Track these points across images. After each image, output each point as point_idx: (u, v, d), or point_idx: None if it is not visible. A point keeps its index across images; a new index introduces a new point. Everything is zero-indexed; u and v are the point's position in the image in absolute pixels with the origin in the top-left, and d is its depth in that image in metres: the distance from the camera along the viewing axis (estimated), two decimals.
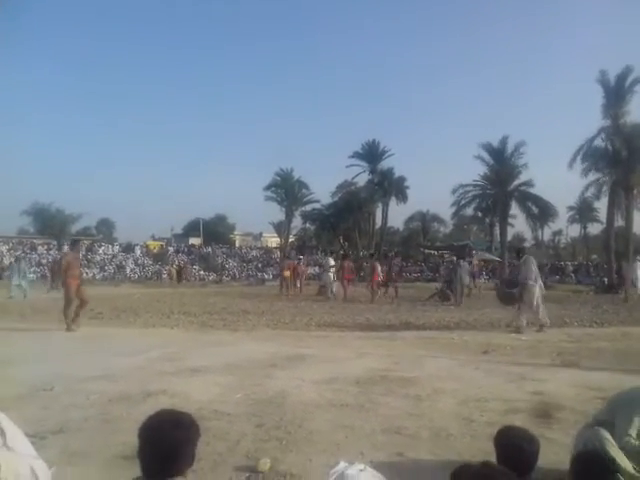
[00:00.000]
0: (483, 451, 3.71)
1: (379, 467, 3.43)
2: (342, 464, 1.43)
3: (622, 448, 3.12)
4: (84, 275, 36.92)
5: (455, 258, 22.06)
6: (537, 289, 11.09)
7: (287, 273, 23.25)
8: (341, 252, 25.43)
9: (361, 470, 1.39)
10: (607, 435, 3.16)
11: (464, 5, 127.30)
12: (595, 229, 58.97)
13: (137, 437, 1.85)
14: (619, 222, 31.51)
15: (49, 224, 50.97)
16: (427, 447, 4.17)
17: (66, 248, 43.27)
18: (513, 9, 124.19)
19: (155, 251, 49.28)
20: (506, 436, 2.56)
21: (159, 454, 1.79)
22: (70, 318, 10.93)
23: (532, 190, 39.79)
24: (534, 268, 11.25)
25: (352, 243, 51.46)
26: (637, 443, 3.17)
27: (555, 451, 3.98)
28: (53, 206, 52.14)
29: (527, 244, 71.42)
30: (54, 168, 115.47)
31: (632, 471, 3.05)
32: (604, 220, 33.30)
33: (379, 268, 20.39)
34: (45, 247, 44.36)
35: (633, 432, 3.18)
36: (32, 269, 38.13)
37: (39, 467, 2.15)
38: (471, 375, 6.87)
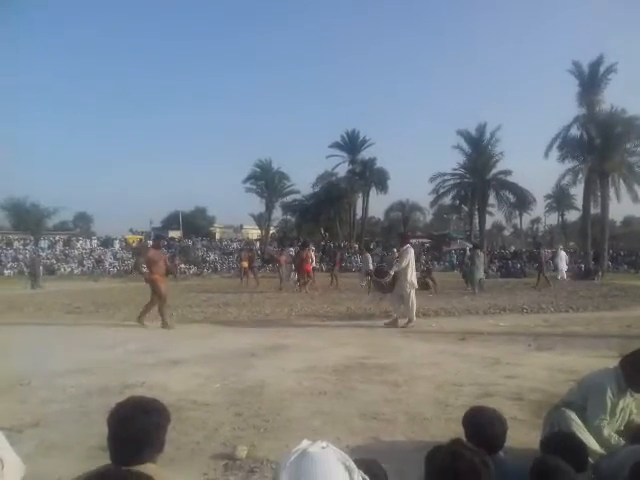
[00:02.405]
0: (457, 433, 3.73)
1: (355, 451, 3.51)
2: (304, 442, 1.45)
3: (596, 429, 3.22)
4: (62, 270, 36.75)
5: (472, 247, 21.58)
6: (409, 281, 10.26)
7: (245, 264, 23.47)
8: (298, 242, 25.42)
9: (323, 447, 1.42)
10: (573, 416, 3.25)
11: None
12: (573, 216, 59.80)
13: (106, 424, 1.86)
14: (596, 210, 32.02)
15: (24, 219, 50.09)
16: (402, 431, 4.25)
17: (40, 243, 42.73)
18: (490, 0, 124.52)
19: (134, 245, 48.77)
20: (474, 416, 2.62)
21: (128, 440, 1.80)
22: (167, 315, 10.75)
23: (510, 179, 40.29)
24: (410, 259, 10.31)
25: (333, 233, 51.55)
26: (608, 423, 3.27)
27: (526, 432, 4.09)
28: (28, 200, 51.24)
29: (506, 232, 72.49)
30: (29, 162, 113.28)
31: (600, 450, 3.15)
32: (581, 207, 33.84)
33: (312, 257, 20.75)
34: (21, 242, 43.60)
35: (606, 414, 3.28)
36: (9, 264, 37.60)
37: (9, 458, 2.14)
38: (448, 361, 6.97)
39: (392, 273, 10.32)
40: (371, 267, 22.64)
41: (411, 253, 10.41)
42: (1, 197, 50.98)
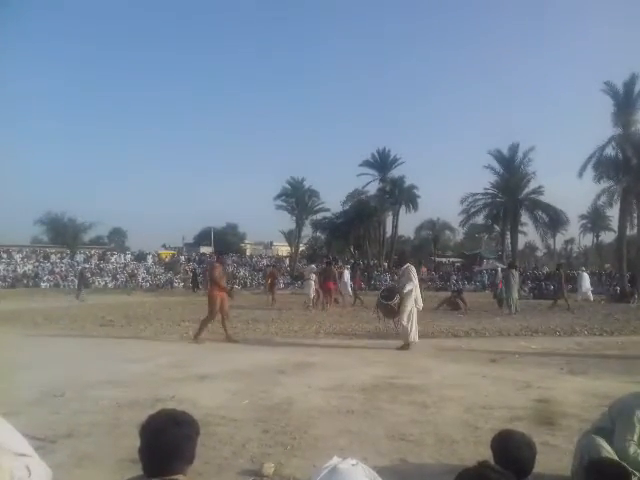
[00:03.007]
0: (486, 457, 3.69)
1: (382, 472, 3.48)
2: (335, 459, 1.48)
3: (622, 451, 3.14)
4: (96, 284, 37.54)
5: (505, 267, 21.06)
6: (411, 302, 9.87)
7: (269, 281, 23.55)
8: (325, 260, 25.38)
9: (353, 465, 1.45)
10: (603, 443, 3.18)
11: (474, 12, 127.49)
12: (608, 237, 58.51)
13: (138, 436, 1.91)
14: (633, 231, 31.26)
15: (62, 233, 51.42)
16: (430, 453, 4.20)
17: (76, 257, 43.72)
18: (523, 16, 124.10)
19: (167, 260, 49.54)
20: (502, 440, 2.60)
21: (160, 452, 1.85)
22: (203, 329, 10.92)
23: (543, 198, 39.71)
24: (413, 278, 9.95)
25: (363, 251, 51.41)
26: (637, 448, 3.19)
27: (558, 457, 4.01)
28: (65, 215, 52.61)
29: (539, 253, 71.24)
30: (67, 177, 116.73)
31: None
32: (617, 228, 33.07)
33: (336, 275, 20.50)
34: (58, 256, 44.76)
35: (634, 436, 3.20)
36: (45, 277, 38.58)
37: (36, 467, 2.21)
38: (478, 383, 6.88)
39: (406, 290, 9.80)
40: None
41: (412, 271, 10.10)
42: (40, 212, 52.52)
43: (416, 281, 10.05)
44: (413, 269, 10.23)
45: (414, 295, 9.91)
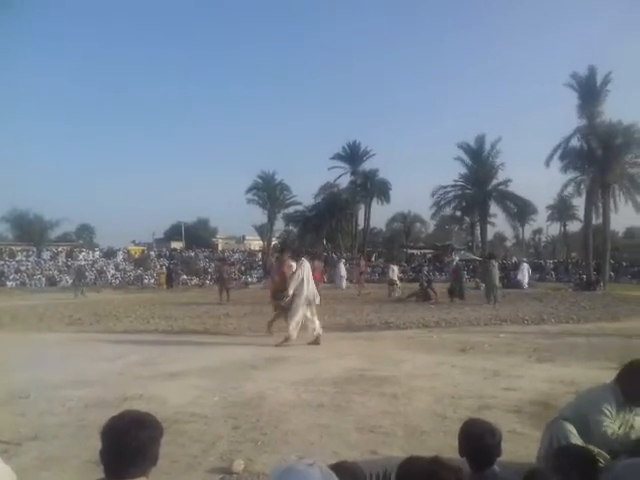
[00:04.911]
0: (455, 447, 3.78)
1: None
2: (292, 458, 1.46)
3: (602, 435, 3.19)
4: (64, 282, 36.78)
5: (489, 258, 21.00)
6: (302, 299, 9.62)
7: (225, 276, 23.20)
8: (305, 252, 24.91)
9: (309, 465, 1.43)
10: (571, 428, 3.23)
11: (442, 6, 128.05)
12: (574, 227, 59.72)
13: (100, 438, 1.86)
14: (598, 220, 31.98)
15: (27, 230, 50.22)
16: (400, 444, 4.24)
17: (42, 254, 42.70)
18: (490, 9, 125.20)
19: (137, 256, 48.81)
20: (468, 428, 2.62)
21: (122, 455, 1.80)
22: (274, 323, 10.73)
23: (511, 189, 40.34)
24: (301, 274, 9.70)
25: (335, 245, 51.52)
26: (615, 428, 3.24)
27: (526, 445, 4.08)
28: (31, 212, 51.41)
29: (508, 243, 72.41)
30: (32, 173, 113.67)
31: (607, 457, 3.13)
32: (583, 218, 33.81)
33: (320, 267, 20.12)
34: (24, 254, 43.69)
35: (608, 422, 3.26)
36: (12, 276, 37.64)
37: (2, 473, 2.14)
38: (448, 373, 6.96)
39: (291, 292, 9.59)
40: (395, 277, 22.64)
41: (302, 267, 9.77)
42: (4, 209, 51.19)
43: (307, 277, 9.76)
44: (306, 265, 9.98)
45: (305, 291, 9.67)
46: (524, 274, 28.43)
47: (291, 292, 9.57)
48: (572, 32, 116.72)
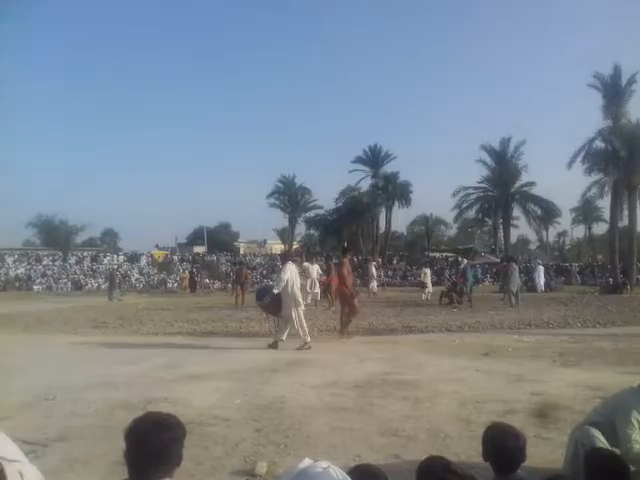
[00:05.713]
0: (479, 451, 3.74)
1: None
2: (307, 460, 1.46)
3: (627, 451, 3.13)
4: (89, 286, 37.37)
5: (508, 261, 20.81)
6: (292, 301, 9.74)
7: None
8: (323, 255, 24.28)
9: (324, 468, 1.42)
10: (597, 434, 3.18)
11: (464, 7, 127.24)
12: (600, 229, 58.63)
13: (124, 440, 1.89)
14: (623, 222, 31.36)
15: (54, 235, 51.04)
16: (424, 448, 4.19)
17: (68, 259, 43.42)
18: (514, 10, 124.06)
19: (160, 260, 49.34)
20: (491, 432, 2.59)
21: (146, 456, 1.82)
22: (347, 325, 11.13)
23: (535, 191, 39.79)
24: (292, 276, 9.81)
25: (356, 248, 51.45)
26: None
27: (551, 450, 4.03)
28: (57, 217, 52.18)
29: (532, 246, 71.45)
30: (57, 179, 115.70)
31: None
32: (608, 219, 33.20)
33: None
34: (50, 258, 44.49)
35: (635, 433, 3.19)
36: (38, 280, 38.35)
37: (28, 472, 2.18)
38: (471, 377, 6.89)
39: (275, 292, 9.70)
40: (428, 280, 22.36)
41: (288, 270, 9.83)
42: (31, 214, 52.09)
43: (293, 279, 9.82)
44: (292, 267, 10.07)
45: (291, 294, 9.73)
46: (540, 277, 28.63)
47: (275, 292, 9.70)
48: (594, 33, 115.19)
